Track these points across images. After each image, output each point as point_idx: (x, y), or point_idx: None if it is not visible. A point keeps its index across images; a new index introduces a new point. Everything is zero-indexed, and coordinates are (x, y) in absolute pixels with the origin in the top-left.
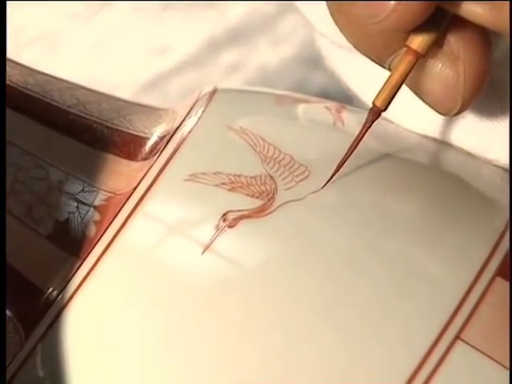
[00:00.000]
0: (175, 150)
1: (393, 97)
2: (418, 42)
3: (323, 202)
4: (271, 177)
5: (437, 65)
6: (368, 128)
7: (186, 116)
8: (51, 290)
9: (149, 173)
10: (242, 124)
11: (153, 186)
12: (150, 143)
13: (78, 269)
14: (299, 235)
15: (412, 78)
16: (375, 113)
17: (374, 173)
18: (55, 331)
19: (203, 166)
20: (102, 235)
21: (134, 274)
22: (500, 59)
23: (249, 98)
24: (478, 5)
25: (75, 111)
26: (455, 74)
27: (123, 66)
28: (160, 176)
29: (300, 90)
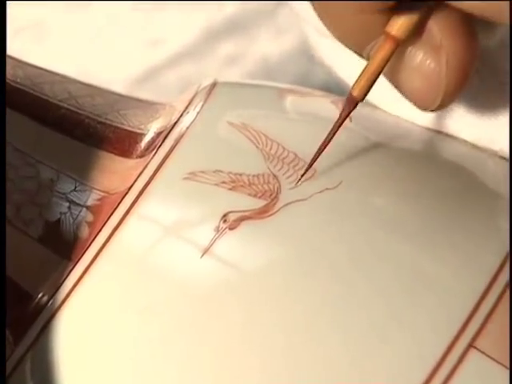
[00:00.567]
0: (173, 147)
1: (370, 86)
2: (397, 27)
3: (329, 203)
4: (274, 175)
5: (417, 55)
6: (344, 119)
7: (184, 111)
8: (42, 295)
9: (145, 171)
10: (244, 119)
11: (149, 185)
12: (146, 140)
13: (70, 272)
14: (304, 237)
15: (391, 69)
16: (351, 102)
17: (380, 170)
18: (46, 338)
19: (202, 164)
20: (96, 237)
21: (129, 279)
22: (504, 49)
23: (250, 92)
24: None
25: (67, 106)
26: (437, 66)
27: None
28: (157, 174)
29: (304, 84)
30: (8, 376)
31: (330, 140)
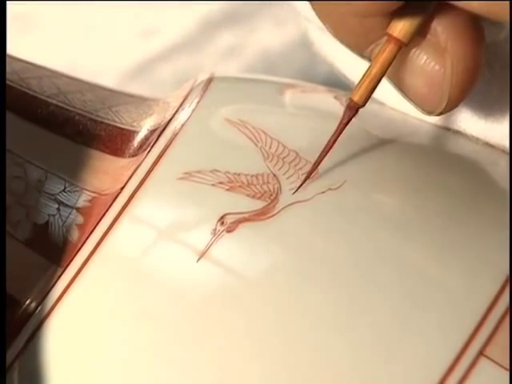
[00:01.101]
0: (167, 146)
1: (372, 91)
2: (399, 29)
3: (332, 204)
4: (274, 175)
5: (421, 57)
6: (345, 124)
7: (179, 107)
8: (29, 302)
9: (138, 171)
10: (242, 116)
11: (142, 186)
12: (139, 138)
13: (59, 278)
14: (305, 241)
15: (394, 72)
16: (352, 108)
17: (383, 167)
18: (34, 346)
19: (198, 164)
20: (86, 240)
21: (122, 285)
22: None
23: (249, 87)
24: None
25: (55, 102)
26: (441, 68)
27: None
28: (150, 174)
29: (306, 78)
30: None
31: (332, 146)
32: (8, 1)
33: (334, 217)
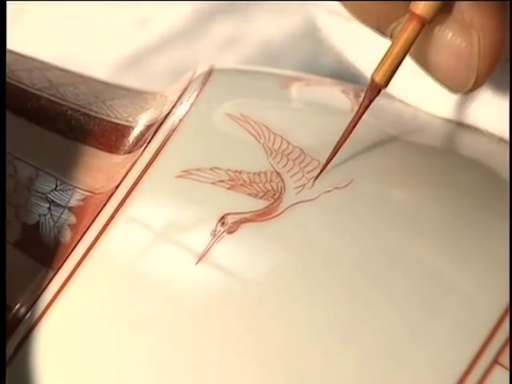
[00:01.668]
0: (164, 142)
1: (394, 71)
2: (422, 6)
3: (339, 203)
4: (278, 173)
5: (446, 34)
6: (366, 107)
7: (177, 101)
8: (19, 306)
9: (133, 168)
10: (244, 111)
11: (138, 184)
12: (135, 133)
13: (51, 281)
14: (310, 242)
15: (417, 50)
16: (374, 89)
17: (393, 165)
18: (24, 353)
19: (198, 161)
20: (78, 242)
21: (116, 289)
22: None
23: (251, 80)
24: None
25: (46, 95)
26: (468, 45)
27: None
28: (146, 172)
29: (311, 70)
30: None
31: (350, 133)
32: (8, 1)
33: (341, 217)
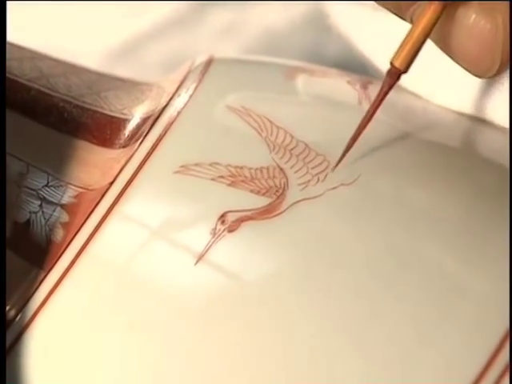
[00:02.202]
0: (162, 136)
1: (415, 55)
2: None
3: (344, 201)
4: (281, 169)
5: (469, 15)
6: (386, 94)
7: (175, 93)
8: (9, 308)
9: (129, 163)
10: (245, 103)
11: (134, 180)
12: (131, 126)
13: (42, 282)
14: (315, 242)
15: (439, 33)
16: (393, 75)
17: (403, 161)
18: (14, 357)
19: (197, 156)
20: (71, 241)
21: (110, 290)
22: None
23: (253, 71)
24: None
25: (37, 86)
26: (492, 27)
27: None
28: (143, 167)
29: (315, 60)
30: None
31: (367, 124)
32: (8, 1)
33: (347, 215)
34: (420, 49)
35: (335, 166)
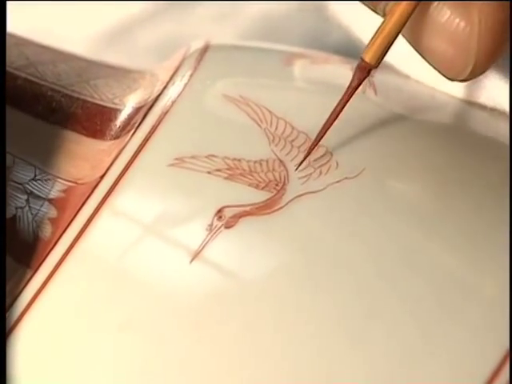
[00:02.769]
0: (155, 126)
1: (385, 50)
2: None
3: (349, 195)
4: (281, 161)
5: (443, 13)
6: (355, 89)
7: (169, 81)
8: None
9: (121, 156)
10: (243, 92)
11: (126, 174)
12: (123, 117)
13: (29, 281)
14: (317, 238)
15: (411, 30)
16: (363, 69)
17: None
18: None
19: (192, 148)
20: (60, 237)
21: (101, 289)
22: None
23: (251, 58)
24: None
25: (24, 75)
26: (467, 25)
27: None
28: (135, 160)
29: (316, 46)
30: None
31: (337, 116)
32: (8, 1)
33: (351, 210)
34: (391, 44)
35: (308, 153)
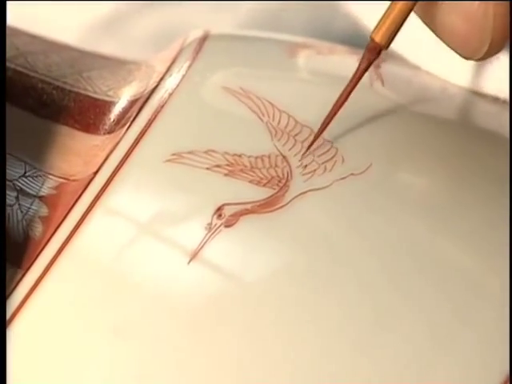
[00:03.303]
0: (151, 120)
1: (396, 30)
2: None
3: (354, 192)
4: (284, 157)
5: None
6: (364, 71)
7: (166, 72)
8: None
9: (115, 151)
10: (244, 83)
11: (120, 170)
12: (117, 110)
13: (19, 282)
14: (321, 237)
15: (425, 9)
16: (373, 50)
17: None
18: None
19: (190, 142)
20: (51, 237)
21: (94, 291)
22: None
23: (253, 48)
24: None
25: (14, 66)
26: (482, 4)
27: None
28: (130, 155)
29: (321, 36)
30: None
31: (344, 101)
32: (8, 1)
33: (357, 208)
34: (402, 24)
35: (308, 148)
